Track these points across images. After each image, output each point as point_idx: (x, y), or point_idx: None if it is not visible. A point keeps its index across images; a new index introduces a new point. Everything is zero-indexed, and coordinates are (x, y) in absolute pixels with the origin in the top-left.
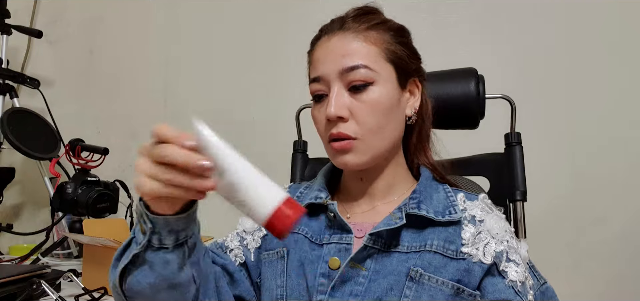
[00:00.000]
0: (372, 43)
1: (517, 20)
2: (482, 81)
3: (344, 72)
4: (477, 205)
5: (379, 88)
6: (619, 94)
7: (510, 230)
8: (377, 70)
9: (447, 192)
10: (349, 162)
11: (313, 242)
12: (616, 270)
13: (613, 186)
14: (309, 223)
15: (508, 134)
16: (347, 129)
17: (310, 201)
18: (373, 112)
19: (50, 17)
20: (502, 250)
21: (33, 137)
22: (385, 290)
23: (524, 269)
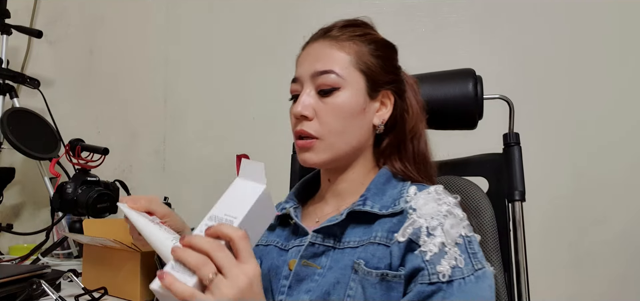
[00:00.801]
0: (346, 52)
1: (515, 20)
2: (480, 82)
3: (314, 75)
4: (424, 193)
5: (344, 93)
6: (618, 94)
7: (448, 212)
8: (346, 78)
9: (401, 188)
10: (307, 159)
11: (281, 249)
12: (617, 271)
13: (613, 186)
14: (280, 234)
15: (506, 134)
16: (309, 128)
17: (278, 213)
18: (335, 115)
19: (50, 17)
20: (422, 225)
21: (33, 137)
22: (332, 284)
23: (442, 242)
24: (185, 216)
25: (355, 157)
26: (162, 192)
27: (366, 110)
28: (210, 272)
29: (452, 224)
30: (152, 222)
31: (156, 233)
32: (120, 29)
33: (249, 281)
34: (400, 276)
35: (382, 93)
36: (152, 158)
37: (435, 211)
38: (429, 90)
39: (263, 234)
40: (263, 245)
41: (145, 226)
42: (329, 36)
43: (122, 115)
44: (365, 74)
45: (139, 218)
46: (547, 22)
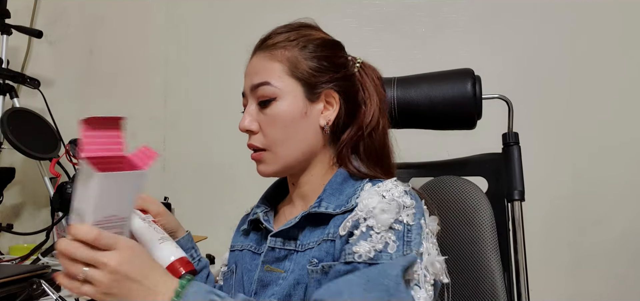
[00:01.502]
0: (278, 61)
1: (514, 20)
2: (479, 81)
3: (253, 89)
4: (374, 188)
5: (281, 103)
6: (618, 94)
7: (390, 200)
8: (280, 87)
9: (357, 186)
10: (262, 171)
11: (254, 253)
12: (617, 270)
13: (613, 186)
14: (254, 238)
15: (505, 134)
16: (256, 141)
17: (250, 218)
18: (276, 126)
19: (50, 17)
20: (360, 217)
21: (33, 137)
22: (293, 285)
23: (369, 227)
24: (185, 216)
25: (310, 160)
26: (162, 192)
27: (308, 113)
28: (79, 271)
29: (385, 209)
30: (144, 221)
31: (145, 231)
32: (120, 29)
33: (120, 260)
34: (334, 265)
35: (324, 94)
36: None
37: (376, 201)
38: (428, 90)
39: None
40: (238, 249)
41: (135, 223)
42: (264, 47)
43: (122, 115)
44: (300, 79)
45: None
46: (546, 21)
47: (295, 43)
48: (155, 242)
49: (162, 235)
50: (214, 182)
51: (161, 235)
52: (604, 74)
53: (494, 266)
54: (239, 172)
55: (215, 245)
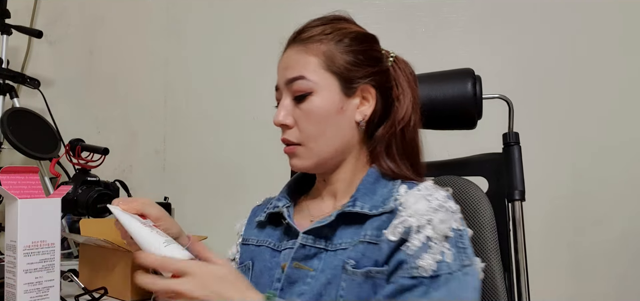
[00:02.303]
0: (313, 54)
1: (515, 20)
2: (479, 81)
3: (288, 83)
4: (414, 191)
5: (317, 97)
6: (618, 93)
7: (439, 206)
8: (316, 81)
9: (392, 187)
10: (295, 165)
11: (274, 250)
12: (617, 271)
13: (613, 186)
14: (272, 233)
15: (506, 134)
16: (290, 136)
17: (270, 211)
18: (311, 120)
19: (50, 17)
20: (412, 224)
21: (33, 137)
22: (324, 285)
23: (428, 237)
24: (186, 216)
25: (344, 157)
26: (162, 192)
27: (344, 108)
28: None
29: (442, 219)
30: (144, 225)
31: (147, 236)
32: (120, 29)
33: (192, 287)
34: (383, 272)
35: (360, 89)
36: (152, 158)
37: (425, 208)
38: (428, 90)
39: (253, 232)
40: (255, 245)
41: (136, 229)
42: (298, 40)
43: (122, 115)
44: (336, 73)
45: (130, 221)
46: (546, 21)
47: (330, 36)
48: (160, 246)
49: (165, 238)
50: (214, 181)
51: (164, 239)
52: (605, 74)
53: (495, 266)
54: (239, 172)
55: (215, 244)
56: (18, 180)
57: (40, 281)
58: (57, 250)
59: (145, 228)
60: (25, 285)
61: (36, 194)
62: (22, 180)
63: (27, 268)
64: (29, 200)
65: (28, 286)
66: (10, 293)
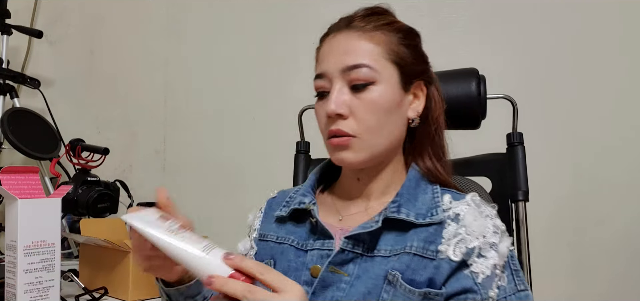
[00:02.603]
0: (376, 43)
1: (518, 20)
2: (484, 81)
3: (345, 70)
4: (463, 202)
5: (379, 88)
6: (622, 94)
7: (495, 227)
8: (379, 70)
9: (434, 193)
10: (346, 159)
11: (298, 249)
12: (618, 271)
13: (616, 186)
14: (295, 230)
15: (510, 134)
16: (345, 126)
17: (294, 207)
18: (372, 111)
19: (50, 17)
20: (475, 246)
21: (33, 137)
22: (363, 294)
23: (494, 265)
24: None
25: (391, 155)
26: None
27: (401, 103)
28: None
29: (505, 243)
30: (169, 231)
31: (179, 245)
32: (120, 29)
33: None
34: (442, 295)
35: (415, 85)
36: (152, 158)
37: (484, 227)
38: None
39: (271, 228)
40: (275, 242)
41: (165, 240)
42: (353, 27)
43: (123, 115)
44: (397, 64)
45: (154, 232)
46: (551, 21)
47: (388, 27)
48: (200, 254)
49: (204, 243)
50: (214, 181)
51: (204, 243)
52: (608, 74)
53: None
54: (239, 172)
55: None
56: (18, 180)
57: (40, 281)
58: (58, 250)
59: (172, 236)
60: (25, 284)
61: (36, 194)
62: (23, 180)
63: (28, 268)
64: (29, 200)
65: (28, 286)
66: (11, 293)
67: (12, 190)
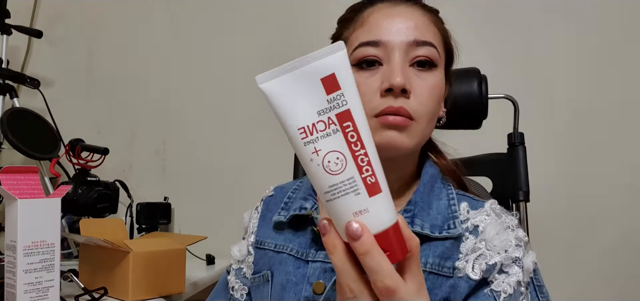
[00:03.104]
0: (438, 27)
1: (520, 20)
2: (485, 81)
3: (412, 45)
4: (482, 212)
5: (440, 74)
6: (623, 94)
7: (517, 239)
8: (441, 56)
9: (450, 199)
10: (398, 142)
11: (298, 259)
12: (619, 271)
13: (616, 187)
14: (294, 237)
15: (511, 134)
16: (409, 105)
17: (293, 213)
18: (433, 96)
19: (50, 17)
20: (496, 262)
21: (33, 137)
22: None
23: (518, 282)
24: (186, 216)
25: (418, 153)
26: (162, 192)
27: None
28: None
29: (531, 258)
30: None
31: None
32: (120, 29)
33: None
34: None
35: (448, 80)
36: (152, 159)
37: (506, 241)
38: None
39: (269, 234)
40: (273, 250)
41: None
42: (420, 5)
43: (122, 115)
44: (448, 56)
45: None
46: (552, 21)
47: (437, 17)
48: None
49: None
50: (214, 182)
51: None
52: (609, 73)
53: None
54: (239, 172)
55: (215, 245)
56: (18, 180)
57: (40, 281)
58: (57, 250)
59: None
60: (25, 285)
61: (36, 194)
62: (22, 180)
63: (27, 268)
64: (28, 200)
65: (28, 286)
66: (10, 293)
67: (11, 190)
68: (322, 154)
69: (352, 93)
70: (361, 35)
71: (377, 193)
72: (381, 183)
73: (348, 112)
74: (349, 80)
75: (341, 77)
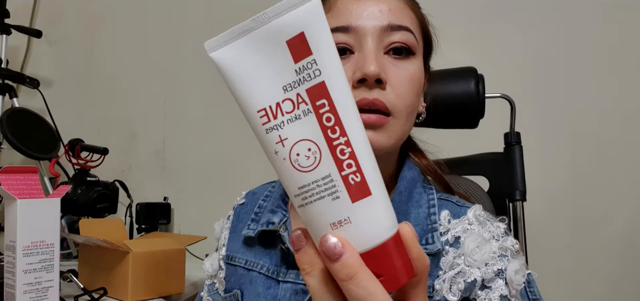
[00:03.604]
0: (415, 12)
1: (517, 19)
2: (482, 80)
3: (386, 30)
4: (464, 221)
5: (416, 62)
6: (620, 93)
7: (501, 249)
8: (418, 43)
9: (430, 207)
10: (373, 142)
11: (269, 277)
12: (617, 271)
13: (614, 185)
14: (265, 253)
15: (507, 133)
16: (385, 97)
17: (261, 228)
18: (411, 87)
19: (49, 17)
20: (476, 279)
21: (33, 137)
22: None
23: (501, 296)
24: (185, 216)
25: (397, 152)
26: (162, 192)
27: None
28: None
29: (516, 269)
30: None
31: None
32: (120, 29)
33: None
34: None
35: (426, 76)
36: (152, 159)
37: (487, 254)
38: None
39: (239, 249)
40: (243, 267)
41: None
42: None
43: (122, 115)
44: (426, 44)
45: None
46: (549, 20)
47: (413, 1)
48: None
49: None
50: (214, 181)
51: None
52: (606, 72)
53: None
54: (239, 172)
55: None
56: (17, 180)
57: (39, 281)
58: (57, 250)
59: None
60: (24, 285)
61: (35, 194)
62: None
63: (27, 269)
64: (28, 200)
65: (27, 286)
66: (10, 294)
67: (11, 190)
68: (289, 144)
69: (328, 60)
70: (329, 21)
71: (364, 196)
72: (371, 183)
73: (322, 86)
74: (324, 42)
75: (312, 37)
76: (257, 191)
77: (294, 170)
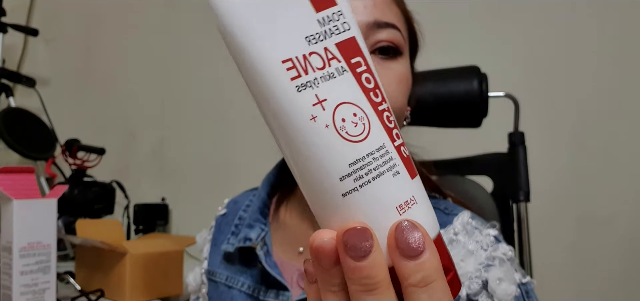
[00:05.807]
0: (401, 10)
1: (521, 17)
2: (485, 79)
3: (372, 27)
4: (449, 231)
5: (405, 62)
6: (625, 93)
7: (488, 259)
8: (405, 41)
9: None
10: None
11: (249, 295)
12: (621, 271)
13: (618, 187)
14: (245, 271)
15: (511, 133)
16: None
17: (239, 244)
18: (400, 89)
19: (46, 15)
20: (460, 296)
21: (29, 136)
22: None
23: None
24: (183, 217)
25: None
26: (160, 192)
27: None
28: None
29: (499, 277)
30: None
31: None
32: (117, 28)
33: None
34: None
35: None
36: (150, 159)
37: (474, 266)
38: (433, 88)
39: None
40: (224, 283)
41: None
42: None
43: (119, 115)
44: (412, 43)
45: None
46: (553, 18)
47: (404, 3)
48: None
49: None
50: (212, 182)
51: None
52: (611, 73)
53: None
54: (238, 173)
55: None
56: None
57: (36, 283)
58: (54, 251)
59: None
60: (21, 287)
61: (32, 194)
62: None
63: (23, 270)
64: (24, 200)
65: (24, 288)
66: (6, 295)
67: (7, 190)
68: (331, 107)
69: (351, 17)
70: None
71: (416, 172)
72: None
73: (353, 41)
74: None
75: None
76: (238, 200)
77: (343, 139)
